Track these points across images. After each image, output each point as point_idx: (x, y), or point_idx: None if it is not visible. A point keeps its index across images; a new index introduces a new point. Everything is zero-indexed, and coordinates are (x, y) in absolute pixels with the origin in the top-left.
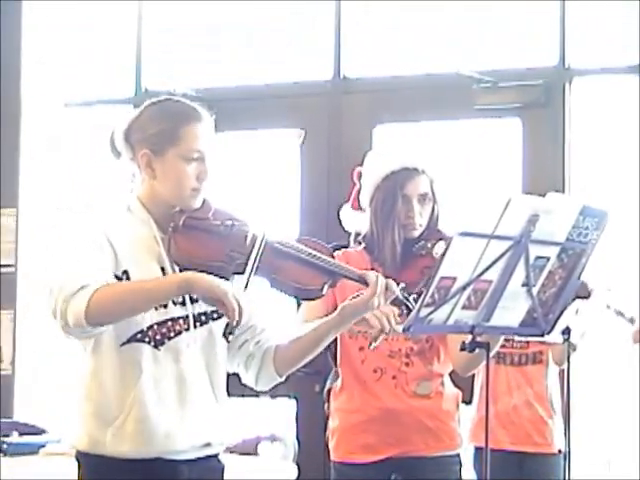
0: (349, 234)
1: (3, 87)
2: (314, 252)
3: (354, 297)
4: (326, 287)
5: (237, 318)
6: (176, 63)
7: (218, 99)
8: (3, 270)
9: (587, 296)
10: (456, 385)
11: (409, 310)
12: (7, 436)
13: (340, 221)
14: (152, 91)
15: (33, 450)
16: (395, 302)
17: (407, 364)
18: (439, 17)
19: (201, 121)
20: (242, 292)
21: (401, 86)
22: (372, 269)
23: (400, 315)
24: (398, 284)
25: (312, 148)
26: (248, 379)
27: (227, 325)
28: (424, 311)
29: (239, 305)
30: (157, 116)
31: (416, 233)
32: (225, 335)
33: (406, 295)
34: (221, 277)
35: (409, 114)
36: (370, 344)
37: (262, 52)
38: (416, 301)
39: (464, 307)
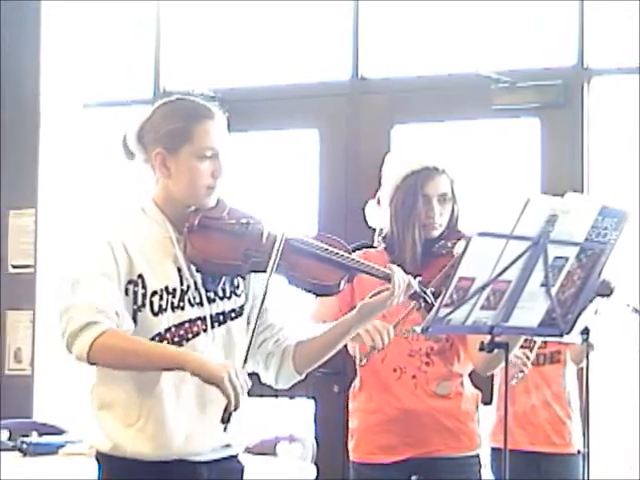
0: (373, 231)
1: (22, 88)
2: (331, 248)
3: (374, 294)
4: (343, 282)
5: (234, 404)
6: (194, 64)
7: (236, 99)
8: (22, 271)
9: (609, 294)
10: (476, 386)
11: (426, 302)
12: (26, 436)
13: (358, 221)
14: (170, 92)
15: (52, 450)
16: (413, 296)
17: (427, 363)
18: (457, 17)
19: (213, 118)
20: (241, 369)
21: (419, 86)
22: None
23: (418, 309)
24: (415, 277)
25: (330, 148)
26: (268, 378)
27: (225, 409)
28: (443, 311)
29: (237, 389)
30: (169, 115)
31: (436, 233)
32: (223, 421)
33: (424, 289)
34: (238, 275)
35: (427, 114)
36: (360, 360)
37: (280, 52)
38: (434, 295)
39: (483, 307)
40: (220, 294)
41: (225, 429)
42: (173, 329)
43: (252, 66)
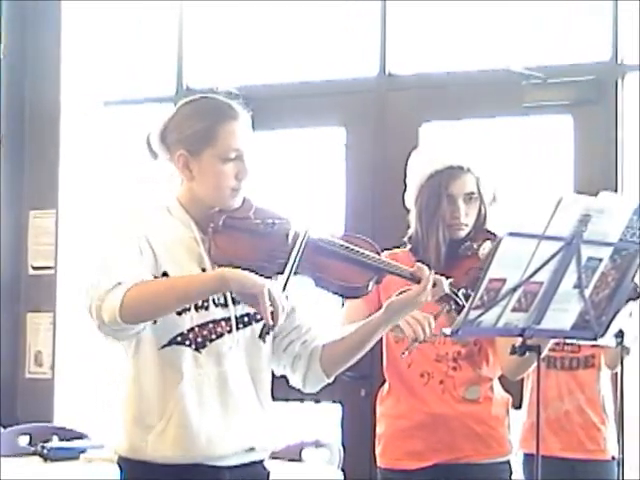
0: (401, 231)
1: (43, 86)
2: (358, 249)
3: (400, 292)
4: (372, 284)
5: (271, 319)
6: (218, 60)
7: (261, 97)
8: (42, 272)
9: (636, 297)
10: (505, 390)
11: (457, 305)
12: (47, 441)
13: (385, 221)
14: (194, 89)
15: (74, 455)
16: (443, 298)
17: (455, 368)
18: (487, 11)
19: (237, 119)
20: (283, 292)
21: (448, 83)
22: None
23: (448, 311)
24: (447, 278)
25: (357, 146)
26: (295, 381)
27: (263, 325)
28: (473, 314)
29: (276, 304)
30: (192, 116)
31: (462, 233)
32: (261, 336)
33: (455, 290)
34: (264, 277)
35: (456, 112)
36: (402, 353)
37: (306, 48)
38: (465, 297)
39: (514, 309)
40: None
41: (264, 340)
42: (196, 329)
43: (277, 62)
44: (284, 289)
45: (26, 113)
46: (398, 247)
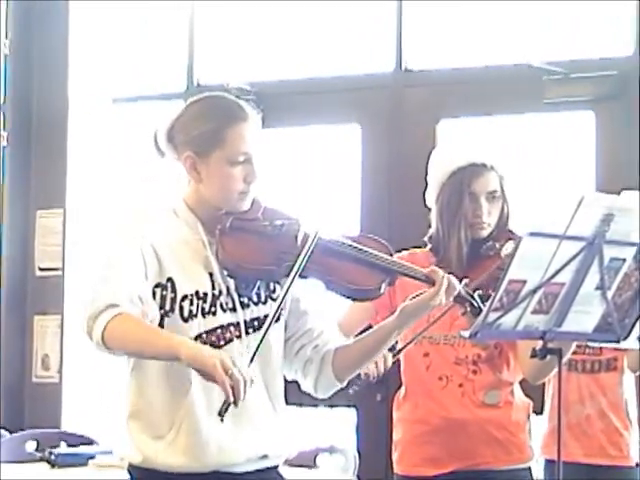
0: (418, 231)
1: (50, 83)
2: (370, 250)
3: (415, 296)
4: (384, 286)
5: (231, 395)
6: (229, 56)
7: (274, 93)
8: (49, 274)
9: None
10: (526, 394)
11: (473, 307)
12: (55, 447)
13: (402, 220)
14: (205, 85)
15: (82, 461)
16: (458, 299)
17: (474, 372)
18: (507, 4)
19: (247, 120)
20: (249, 363)
21: (466, 78)
22: None
23: (464, 313)
24: (461, 280)
25: (372, 144)
26: (307, 386)
27: (223, 402)
28: (492, 316)
29: (235, 377)
30: (200, 116)
31: (484, 233)
32: (220, 413)
33: (470, 292)
34: (272, 280)
35: (475, 108)
36: (349, 387)
37: (320, 43)
38: (481, 298)
39: (534, 311)
40: (255, 299)
41: (222, 420)
42: (204, 335)
43: (290, 58)
44: (254, 355)
45: (33, 110)
46: (417, 247)
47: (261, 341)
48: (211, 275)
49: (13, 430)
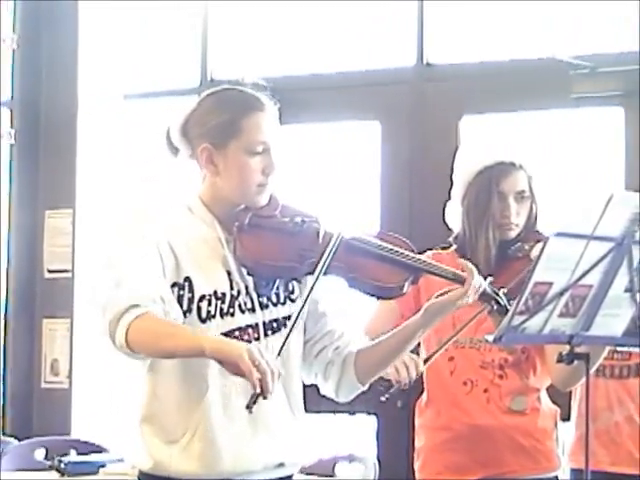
0: (441, 232)
1: (59, 78)
2: (393, 247)
3: (440, 294)
4: (407, 284)
5: (258, 386)
6: (244, 49)
7: (290, 88)
8: (59, 275)
9: None
10: (553, 401)
11: (499, 305)
12: (65, 455)
13: (423, 221)
14: (219, 80)
15: (93, 470)
16: (483, 297)
17: (501, 376)
18: None
19: (264, 110)
20: (278, 354)
21: (491, 73)
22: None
23: (489, 312)
24: (485, 278)
25: (393, 141)
26: (328, 389)
27: (252, 394)
28: (517, 319)
29: (262, 368)
30: (216, 107)
31: (512, 234)
32: (248, 407)
33: (495, 289)
34: (293, 279)
35: (499, 104)
36: (381, 396)
37: (338, 37)
38: (507, 296)
39: (561, 315)
40: (274, 299)
41: (250, 412)
42: (222, 337)
43: (307, 52)
44: (281, 349)
45: (41, 106)
46: (442, 248)
47: (284, 342)
48: (229, 274)
49: (21, 437)
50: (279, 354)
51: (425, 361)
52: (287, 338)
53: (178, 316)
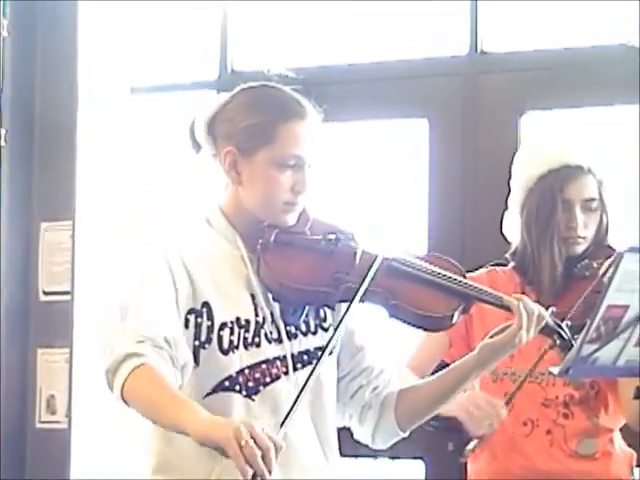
0: (498, 247)
1: (57, 70)
2: (440, 270)
3: (495, 333)
4: (457, 314)
5: (248, 472)
6: (270, 36)
7: (323, 82)
8: (56, 298)
9: None
10: (629, 443)
11: (562, 339)
12: None
13: (478, 233)
14: (240, 72)
15: None
16: (545, 331)
17: (566, 416)
18: None
19: (305, 118)
20: (280, 427)
21: (555, 62)
22: (523, 294)
23: (552, 347)
24: (547, 308)
25: (443, 142)
26: (363, 435)
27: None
28: (587, 348)
29: (248, 452)
30: (250, 107)
31: (579, 249)
32: None
33: (558, 322)
34: (325, 305)
35: (565, 98)
36: (461, 456)
37: (377, 23)
38: (571, 329)
39: (638, 343)
40: (303, 328)
41: None
42: (247, 371)
43: (341, 39)
44: (305, 385)
45: (36, 103)
46: (497, 265)
47: (309, 376)
48: (253, 298)
49: None
50: (302, 389)
51: (507, 402)
52: (313, 372)
53: (188, 361)
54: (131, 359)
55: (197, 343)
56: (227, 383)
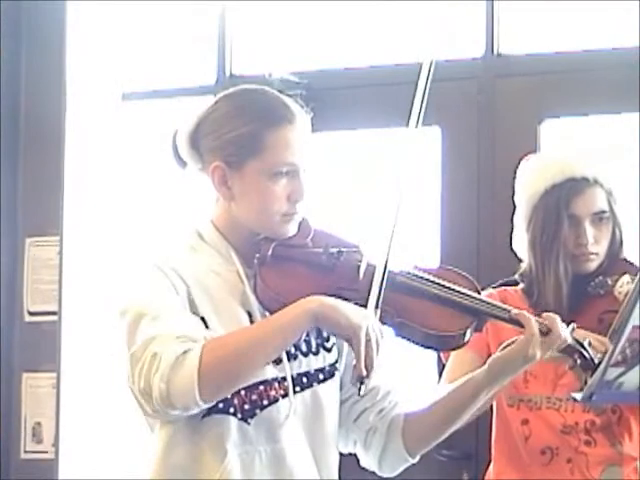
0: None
1: (43, 75)
2: (452, 285)
3: (505, 346)
4: (469, 332)
5: (363, 368)
6: (271, 39)
7: (327, 86)
8: (42, 319)
9: None
10: None
11: (584, 358)
12: None
13: (493, 248)
14: (240, 76)
15: None
16: (565, 350)
17: (587, 443)
18: None
19: (293, 122)
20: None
21: (576, 66)
22: None
23: (572, 368)
24: (568, 324)
25: (456, 150)
26: (368, 461)
27: (357, 376)
28: (611, 372)
29: (371, 348)
30: (233, 116)
31: (592, 265)
32: (352, 383)
33: (579, 339)
34: None
35: (587, 104)
36: None
37: (385, 23)
38: (597, 351)
39: None
40: (304, 348)
41: (359, 392)
42: (243, 392)
43: (345, 42)
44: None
45: (21, 110)
46: (509, 284)
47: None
48: (250, 315)
49: None
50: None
51: None
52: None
53: None
54: (190, 352)
55: None
56: (221, 405)
